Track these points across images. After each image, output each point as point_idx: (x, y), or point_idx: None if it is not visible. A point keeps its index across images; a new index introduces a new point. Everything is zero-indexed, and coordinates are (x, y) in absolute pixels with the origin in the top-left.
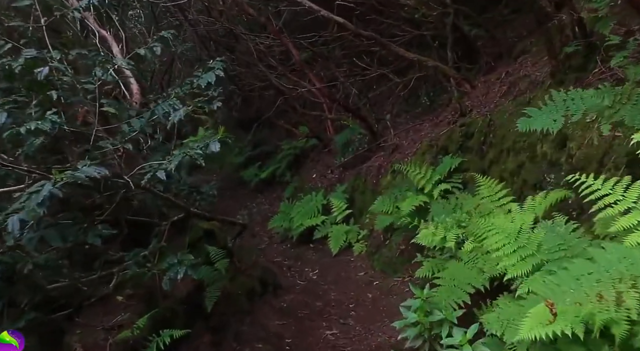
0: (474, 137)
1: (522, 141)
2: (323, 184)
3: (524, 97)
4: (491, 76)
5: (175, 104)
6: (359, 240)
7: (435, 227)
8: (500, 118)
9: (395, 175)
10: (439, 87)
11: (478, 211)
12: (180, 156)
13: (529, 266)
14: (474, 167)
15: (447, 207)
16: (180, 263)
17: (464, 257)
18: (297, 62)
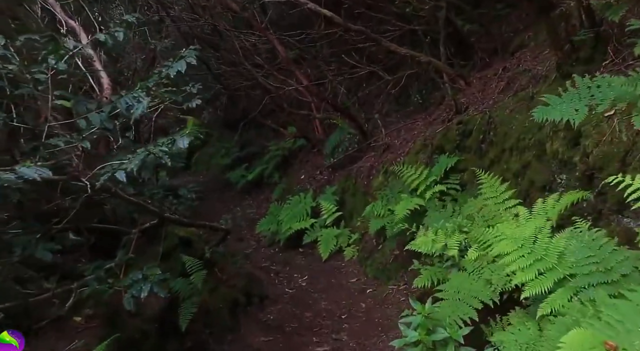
0: (472, 135)
1: (527, 138)
2: (312, 186)
3: (526, 92)
4: (487, 72)
5: (140, 96)
6: (350, 245)
7: (434, 233)
8: (500, 115)
9: (388, 175)
10: (431, 85)
11: (481, 215)
12: (143, 155)
13: (549, 283)
14: (472, 167)
15: (445, 211)
16: (146, 279)
17: (468, 267)
18: (283, 59)
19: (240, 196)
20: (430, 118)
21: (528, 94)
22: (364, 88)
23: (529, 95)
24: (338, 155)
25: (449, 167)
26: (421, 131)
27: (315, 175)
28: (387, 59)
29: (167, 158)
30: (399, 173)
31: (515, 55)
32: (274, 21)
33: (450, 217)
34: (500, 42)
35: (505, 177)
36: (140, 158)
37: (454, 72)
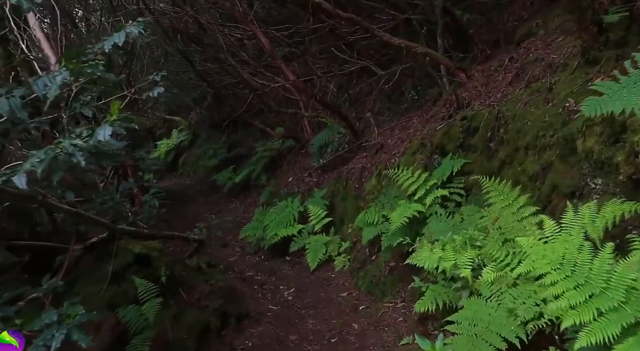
0: (479, 132)
1: (548, 135)
2: (300, 188)
3: (541, 83)
4: (489, 64)
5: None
6: (341, 253)
7: (441, 247)
8: (511, 109)
9: (381, 178)
10: (427, 80)
11: (497, 226)
12: (51, 153)
13: (614, 328)
14: (479, 169)
15: (450, 220)
16: (61, 322)
17: (483, 291)
18: (267, 51)
19: (226, 199)
20: (427, 116)
21: (544, 85)
22: (354, 85)
23: (546, 86)
24: (327, 156)
25: (454, 171)
26: (417, 129)
27: (304, 177)
28: (379, 55)
29: (81, 155)
30: (395, 176)
31: (522, 45)
32: (262, 18)
33: (458, 228)
34: (503, 32)
35: (520, 181)
36: (47, 156)
37: (454, 65)
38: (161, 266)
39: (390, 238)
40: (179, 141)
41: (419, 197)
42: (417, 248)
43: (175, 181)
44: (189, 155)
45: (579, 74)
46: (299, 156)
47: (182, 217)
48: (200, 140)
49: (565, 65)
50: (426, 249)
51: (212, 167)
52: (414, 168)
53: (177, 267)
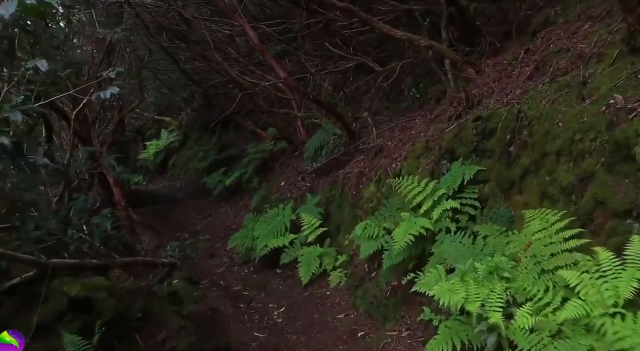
0: (496, 135)
1: (588, 138)
2: (293, 194)
3: (571, 77)
4: (501, 58)
5: None
6: (337, 268)
7: (460, 278)
8: (535, 107)
9: (381, 185)
10: (429, 77)
11: (530, 254)
12: None
13: None
14: (496, 177)
15: (466, 241)
16: None
17: (519, 340)
18: (256, 46)
19: (217, 202)
20: (431, 115)
21: (575, 78)
22: (350, 83)
23: (578, 80)
24: (321, 159)
25: (465, 179)
26: (420, 131)
27: (297, 181)
28: (377, 51)
29: None
30: (397, 185)
31: (538, 36)
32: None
33: (478, 252)
34: (515, 23)
35: (548, 193)
36: None
37: (461, 58)
38: (107, 311)
39: (393, 258)
40: (169, 142)
41: (426, 209)
42: (426, 272)
43: (165, 183)
44: (179, 156)
45: (623, 65)
46: (292, 158)
47: (169, 221)
48: (191, 141)
49: (601, 55)
50: (437, 275)
51: (202, 169)
52: (419, 175)
53: (136, 304)
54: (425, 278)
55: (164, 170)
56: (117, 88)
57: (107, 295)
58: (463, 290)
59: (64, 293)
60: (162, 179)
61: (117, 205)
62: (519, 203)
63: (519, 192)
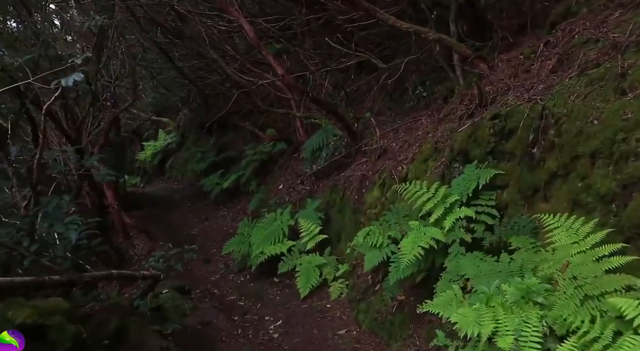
0: (516, 135)
1: (635, 138)
2: (291, 198)
3: (605, 69)
4: (516, 52)
5: None
6: (337, 278)
7: (484, 302)
8: (562, 104)
9: (385, 189)
10: (434, 75)
11: (569, 276)
12: None
13: None
14: (517, 182)
15: (486, 256)
16: None
17: None
18: (252, 40)
19: (214, 205)
20: (439, 115)
21: (611, 71)
22: (351, 82)
23: (615, 72)
24: (321, 161)
25: (481, 184)
26: (428, 131)
27: (296, 184)
28: (379, 49)
29: None
30: (404, 191)
31: (558, 28)
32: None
33: (502, 270)
34: (530, 15)
35: (581, 201)
36: None
37: (473, 53)
38: (64, 340)
39: (400, 272)
40: (166, 143)
41: (436, 218)
42: (439, 290)
43: (162, 185)
44: (177, 158)
45: None
46: (291, 160)
47: (164, 225)
48: (189, 143)
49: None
50: (452, 295)
51: (199, 171)
52: (427, 179)
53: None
54: (439, 298)
55: (161, 172)
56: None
57: (65, 320)
58: (491, 320)
59: (9, 319)
60: (159, 181)
61: (109, 208)
62: (544, 211)
63: (543, 199)
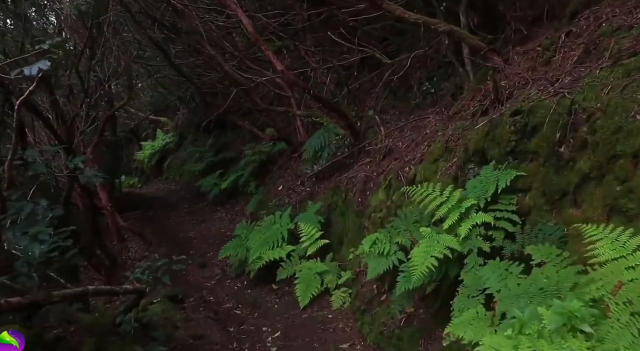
0: (541, 132)
1: None
2: (291, 199)
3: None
4: (532, 45)
5: None
6: (340, 287)
7: (518, 329)
8: (595, 97)
9: (392, 191)
10: (441, 71)
11: (622, 299)
12: None
13: None
14: (541, 184)
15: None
16: None
17: None
18: (250, 34)
19: (212, 207)
20: (449, 112)
21: None
22: (354, 80)
23: None
24: (322, 162)
25: (500, 187)
26: (436, 130)
27: (296, 185)
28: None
29: None
30: (413, 193)
31: (580, 17)
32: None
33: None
34: (547, 6)
35: (620, 207)
36: None
37: (486, 46)
38: None
39: (411, 283)
40: (164, 143)
41: (451, 224)
42: (457, 307)
43: (160, 186)
44: (175, 158)
45: None
46: (291, 161)
47: (160, 227)
48: (187, 142)
49: None
50: (474, 314)
51: (197, 171)
52: (437, 181)
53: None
54: (459, 317)
55: (159, 172)
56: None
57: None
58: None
59: None
60: (157, 181)
61: (103, 210)
62: (574, 218)
63: (573, 204)
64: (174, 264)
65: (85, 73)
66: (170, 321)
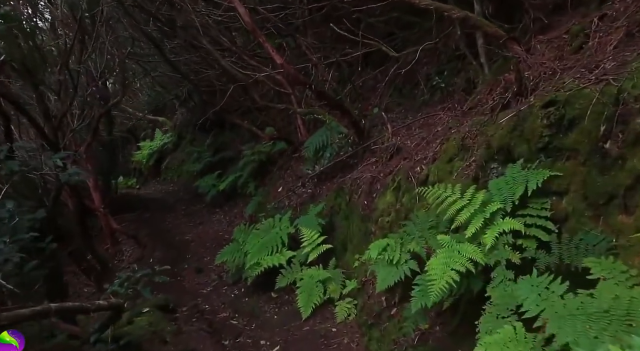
0: (581, 125)
1: None
2: (292, 202)
3: None
4: (557, 32)
5: None
6: (344, 297)
7: None
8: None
9: (401, 193)
10: (452, 65)
11: None
12: None
13: None
14: (583, 186)
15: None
16: None
17: None
18: (246, 24)
19: (210, 209)
20: (463, 107)
21: None
22: (357, 77)
23: None
24: (324, 162)
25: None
26: (449, 126)
27: (296, 187)
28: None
29: None
30: (428, 195)
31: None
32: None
33: (598, 312)
34: None
35: None
36: None
37: (505, 34)
38: None
39: (428, 300)
40: (163, 143)
41: (474, 231)
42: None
43: (158, 187)
44: (173, 158)
45: None
46: (292, 161)
47: (156, 230)
48: (185, 143)
49: None
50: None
51: (195, 171)
52: (454, 183)
53: None
54: (492, 336)
55: (157, 173)
56: None
57: None
58: None
59: None
60: (155, 182)
61: (96, 212)
62: (625, 226)
63: (623, 210)
64: (156, 275)
65: (76, 68)
66: (159, 335)
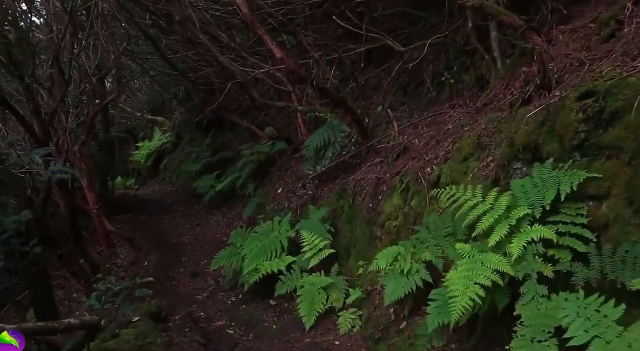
0: (626, 119)
1: None
2: (292, 204)
3: None
4: (580, 22)
5: None
6: (348, 306)
7: None
8: None
9: (410, 195)
10: (461, 60)
11: None
12: None
13: None
14: (627, 190)
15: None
16: None
17: None
18: (244, 16)
19: (208, 210)
20: (476, 104)
21: None
22: (359, 75)
23: None
24: (326, 162)
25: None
26: (461, 124)
27: (296, 188)
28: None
29: None
30: (445, 197)
31: None
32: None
33: None
34: None
35: None
36: None
37: (524, 23)
38: None
39: (449, 317)
40: (161, 143)
41: (498, 240)
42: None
43: (156, 188)
44: (171, 158)
45: None
46: (292, 161)
47: (153, 232)
48: (184, 143)
49: None
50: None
51: (194, 172)
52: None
53: None
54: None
55: (155, 173)
56: None
57: None
58: None
59: None
60: (153, 183)
61: (90, 213)
62: None
63: None
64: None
65: (67, 63)
66: (146, 350)
